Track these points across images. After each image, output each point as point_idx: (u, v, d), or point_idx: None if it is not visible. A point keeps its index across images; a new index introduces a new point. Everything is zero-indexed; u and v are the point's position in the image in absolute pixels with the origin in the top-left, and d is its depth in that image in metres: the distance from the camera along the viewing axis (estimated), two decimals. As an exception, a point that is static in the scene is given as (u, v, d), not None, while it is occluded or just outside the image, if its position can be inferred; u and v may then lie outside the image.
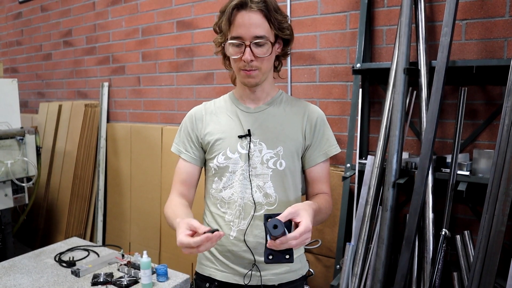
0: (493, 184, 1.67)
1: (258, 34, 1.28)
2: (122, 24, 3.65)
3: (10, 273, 2.12)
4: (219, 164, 1.41)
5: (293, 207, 1.12)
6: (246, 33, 1.27)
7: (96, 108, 3.81)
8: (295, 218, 1.10)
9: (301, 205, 1.16)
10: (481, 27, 2.02)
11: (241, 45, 1.29)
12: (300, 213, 1.11)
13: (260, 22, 1.28)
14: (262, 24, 1.28)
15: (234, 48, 1.31)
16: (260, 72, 1.34)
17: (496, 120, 2.02)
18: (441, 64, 1.84)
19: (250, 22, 1.27)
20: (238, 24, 1.28)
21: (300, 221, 1.09)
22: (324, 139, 1.45)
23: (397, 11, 2.24)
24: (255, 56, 1.29)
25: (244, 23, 1.27)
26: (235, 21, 1.28)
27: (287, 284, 1.43)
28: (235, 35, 1.28)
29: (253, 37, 1.27)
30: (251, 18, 1.27)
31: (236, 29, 1.28)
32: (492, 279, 1.65)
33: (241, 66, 1.32)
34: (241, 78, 1.37)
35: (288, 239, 1.05)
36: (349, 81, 2.44)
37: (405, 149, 2.23)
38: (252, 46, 1.28)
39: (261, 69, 1.33)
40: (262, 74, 1.36)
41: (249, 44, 1.28)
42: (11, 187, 3.18)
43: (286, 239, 1.05)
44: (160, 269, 2.04)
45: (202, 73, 3.16)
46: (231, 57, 1.33)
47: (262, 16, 1.28)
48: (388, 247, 1.98)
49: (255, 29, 1.27)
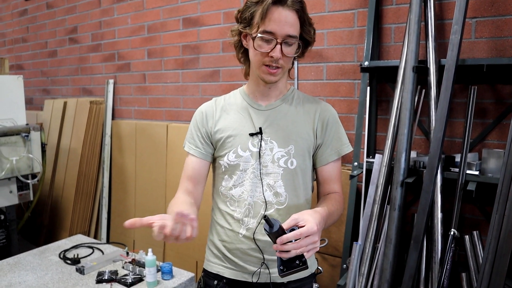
0: (503, 184, 1.64)
1: (291, 33, 1.27)
2: (128, 21, 3.64)
3: (15, 270, 2.12)
4: (230, 162, 1.40)
5: (297, 214, 1.12)
6: (280, 30, 1.26)
7: (101, 105, 3.80)
8: (299, 223, 1.10)
9: (307, 211, 1.16)
10: (491, 25, 2.00)
11: (271, 40, 1.27)
12: (305, 217, 1.11)
13: (294, 21, 1.27)
14: (295, 24, 1.28)
15: (264, 42, 1.29)
16: (282, 71, 1.33)
17: (506, 120, 2.00)
18: (451, 62, 1.82)
19: (286, 20, 1.26)
20: (273, 19, 1.26)
21: (305, 225, 1.09)
22: (336, 138, 1.44)
23: (405, 9, 2.22)
24: (283, 55, 1.28)
25: (280, 19, 1.26)
26: (271, 16, 1.26)
27: (296, 282, 1.42)
28: (269, 30, 1.26)
29: (286, 35, 1.27)
30: (288, 16, 1.26)
31: (271, 24, 1.26)
32: (502, 281, 1.63)
33: (266, 61, 1.30)
34: (262, 73, 1.34)
35: (289, 237, 1.05)
36: (357, 79, 2.42)
37: (413, 148, 2.21)
38: (282, 44, 1.27)
39: (283, 68, 1.33)
40: (283, 73, 1.35)
41: (281, 41, 1.27)
42: (16, 183, 3.19)
43: (286, 237, 1.05)
44: (165, 267, 2.03)
45: (208, 70, 3.15)
46: (258, 51, 1.30)
47: (296, 16, 1.28)
48: (396, 246, 1.96)
49: (289, 28, 1.27)
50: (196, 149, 1.46)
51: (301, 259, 1.11)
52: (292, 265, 1.11)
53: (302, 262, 1.11)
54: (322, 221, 1.17)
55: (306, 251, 1.08)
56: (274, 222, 1.06)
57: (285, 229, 1.09)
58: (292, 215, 1.12)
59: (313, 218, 1.11)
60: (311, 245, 1.08)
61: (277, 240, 1.06)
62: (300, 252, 1.07)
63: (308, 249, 1.08)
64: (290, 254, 1.07)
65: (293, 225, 1.10)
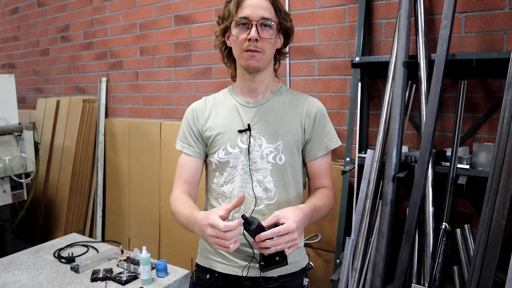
0: (493, 177, 1.66)
1: (265, 15, 1.32)
2: (120, 19, 3.63)
3: (9, 269, 2.12)
4: (220, 159, 1.41)
5: (279, 211, 1.17)
6: (253, 13, 1.31)
7: (94, 104, 3.79)
8: (280, 221, 1.14)
9: (289, 208, 1.20)
10: (480, 19, 2.01)
11: (247, 25, 1.32)
12: (286, 215, 1.15)
13: (267, 6, 1.34)
14: (269, 8, 1.34)
15: (241, 29, 1.33)
16: (263, 55, 1.35)
17: (496, 113, 2.01)
18: (441, 57, 1.83)
19: (258, 5, 1.32)
20: (246, 6, 1.32)
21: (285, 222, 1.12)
22: (324, 133, 1.45)
23: (396, 4, 2.22)
24: (260, 37, 1.31)
25: (252, 4, 1.32)
26: (243, 3, 1.32)
27: (286, 276, 1.43)
28: (243, 16, 1.31)
29: (261, 17, 1.31)
30: (260, 2, 1.32)
31: (245, 10, 1.32)
32: (493, 273, 1.65)
33: (245, 46, 1.33)
34: (244, 60, 1.36)
35: (267, 235, 1.09)
36: (348, 74, 2.43)
37: (404, 143, 2.22)
38: (258, 27, 1.31)
39: (264, 53, 1.35)
40: (265, 59, 1.36)
41: (256, 23, 1.31)
42: (9, 183, 3.18)
43: (264, 235, 1.09)
44: (160, 264, 2.04)
45: (201, 67, 3.15)
46: (236, 37, 1.34)
47: (269, 2, 1.34)
48: (388, 241, 1.97)
49: (263, 11, 1.32)
50: (189, 147, 1.47)
51: (281, 255, 1.15)
52: (273, 261, 1.16)
53: (282, 258, 1.15)
54: (305, 217, 1.21)
55: (286, 248, 1.12)
56: (253, 220, 1.10)
57: (266, 226, 1.12)
58: (274, 212, 1.16)
59: (294, 216, 1.15)
60: (291, 242, 1.12)
61: (256, 238, 1.10)
62: (280, 249, 1.11)
63: (288, 245, 1.12)
64: (270, 251, 1.11)
65: (274, 222, 1.14)
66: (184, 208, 1.34)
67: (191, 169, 1.47)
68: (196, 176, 1.48)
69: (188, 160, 1.47)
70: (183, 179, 1.47)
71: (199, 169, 1.49)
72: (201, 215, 1.21)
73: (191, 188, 1.47)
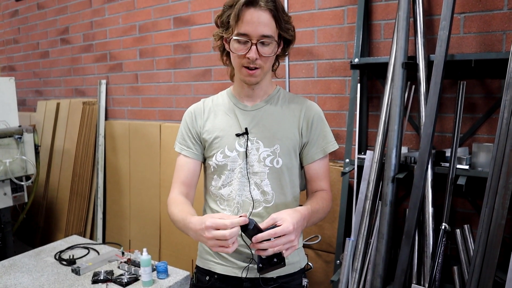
0: (493, 177, 1.67)
1: (265, 33, 1.28)
2: (119, 21, 3.64)
3: (10, 272, 2.12)
4: (218, 162, 1.42)
5: (276, 213, 1.17)
6: (253, 31, 1.27)
7: (94, 106, 3.80)
8: (278, 223, 1.14)
9: (286, 210, 1.20)
10: (479, 20, 2.02)
11: (247, 42, 1.28)
12: (283, 217, 1.15)
13: (268, 21, 1.28)
14: (269, 24, 1.28)
15: (240, 44, 1.30)
16: (262, 71, 1.34)
17: (495, 114, 2.02)
18: (440, 58, 1.83)
19: (258, 21, 1.26)
20: (246, 21, 1.26)
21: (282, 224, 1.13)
22: (321, 136, 1.46)
23: (394, 5, 2.23)
24: (260, 55, 1.29)
25: (253, 21, 1.26)
26: (243, 18, 1.27)
27: (285, 277, 1.44)
28: (242, 32, 1.27)
29: (260, 35, 1.27)
30: (260, 17, 1.26)
31: (244, 26, 1.27)
32: (492, 273, 1.65)
33: (244, 63, 1.32)
34: (242, 76, 1.36)
35: (263, 236, 1.10)
36: (347, 76, 2.43)
37: (404, 144, 2.22)
38: (258, 45, 1.28)
39: (263, 68, 1.34)
40: (264, 73, 1.36)
41: (255, 42, 1.28)
42: (10, 186, 3.18)
43: (261, 236, 1.10)
44: (160, 266, 2.04)
45: (200, 69, 3.15)
46: (235, 53, 1.32)
47: (270, 16, 1.28)
48: (388, 241, 1.98)
49: (263, 28, 1.27)
50: (187, 149, 1.48)
51: (279, 257, 1.16)
52: (270, 263, 1.16)
53: (279, 260, 1.16)
54: (302, 219, 1.21)
55: (283, 250, 1.13)
56: (250, 221, 1.10)
57: (263, 228, 1.13)
58: (271, 215, 1.16)
59: (291, 218, 1.15)
60: (288, 243, 1.13)
61: (252, 239, 1.11)
62: (278, 251, 1.12)
63: (286, 247, 1.13)
64: (267, 252, 1.12)
65: (271, 224, 1.14)
66: (179, 211, 1.35)
67: (189, 171, 1.48)
68: (194, 178, 1.49)
69: (186, 162, 1.48)
70: (181, 181, 1.47)
71: (197, 170, 1.50)
72: (195, 221, 1.21)
73: (189, 189, 1.48)
